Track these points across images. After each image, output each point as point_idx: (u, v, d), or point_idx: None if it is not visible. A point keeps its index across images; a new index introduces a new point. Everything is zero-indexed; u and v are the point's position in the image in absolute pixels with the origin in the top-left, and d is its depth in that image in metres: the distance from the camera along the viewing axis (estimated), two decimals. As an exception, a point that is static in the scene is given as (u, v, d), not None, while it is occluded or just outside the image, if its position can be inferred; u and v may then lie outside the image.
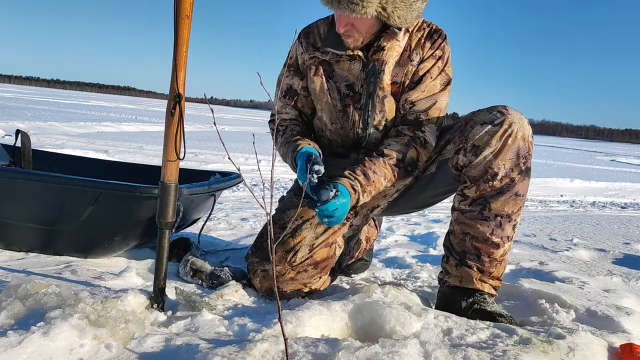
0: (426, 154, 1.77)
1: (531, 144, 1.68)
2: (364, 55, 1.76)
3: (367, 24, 1.69)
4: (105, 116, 17.15)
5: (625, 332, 1.60)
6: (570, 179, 8.85)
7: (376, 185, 1.69)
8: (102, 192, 1.84)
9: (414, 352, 1.23)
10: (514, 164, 1.64)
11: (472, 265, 1.70)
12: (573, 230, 3.81)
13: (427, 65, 1.76)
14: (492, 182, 1.65)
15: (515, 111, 1.66)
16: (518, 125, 1.64)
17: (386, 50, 1.75)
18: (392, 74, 1.77)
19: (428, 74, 1.75)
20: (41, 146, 5.85)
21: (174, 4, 1.41)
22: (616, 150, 34.32)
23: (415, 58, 1.76)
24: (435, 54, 1.76)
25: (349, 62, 1.78)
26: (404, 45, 1.77)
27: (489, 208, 1.66)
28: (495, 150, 1.64)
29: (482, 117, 1.68)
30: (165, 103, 1.48)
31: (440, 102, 1.76)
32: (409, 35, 1.77)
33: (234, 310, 1.60)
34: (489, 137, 1.64)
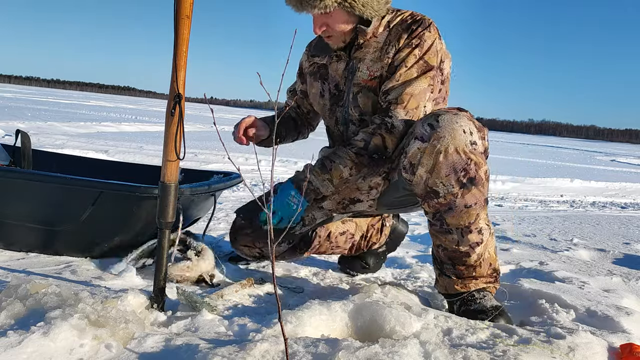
0: (393, 138, 1.71)
1: (470, 152, 1.55)
2: (346, 55, 1.81)
3: (339, 20, 1.70)
4: (105, 116, 17.15)
5: (625, 332, 1.60)
6: (570, 179, 8.85)
7: (336, 173, 1.71)
8: (102, 192, 1.84)
9: (414, 352, 1.23)
10: (452, 180, 1.56)
11: (450, 274, 1.69)
12: (573, 230, 3.81)
13: (401, 55, 1.73)
14: (437, 199, 1.60)
15: (450, 120, 1.55)
16: (448, 139, 1.53)
17: (363, 47, 1.78)
18: (372, 70, 1.77)
19: (403, 63, 1.72)
20: (41, 146, 5.85)
21: (174, 4, 1.41)
22: (616, 150, 34.32)
23: (391, 51, 1.75)
24: (412, 43, 1.72)
25: (336, 63, 1.85)
26: (383, 40, 1.77)
27: (446, 222, 1.62)
28: (429, 168, 1.57)
29: (417, 130, 1.60)
30: (165, 103, 1.48)
31: (413, 87, 1.70)
32: (389, 29, 1.77)
33: (234, 310, 1.60)
34: (421, 155, 1.57)
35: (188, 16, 1.41)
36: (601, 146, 46.45)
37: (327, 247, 2.07)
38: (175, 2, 1.41)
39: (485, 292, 1.69)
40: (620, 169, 14.81)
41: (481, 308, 1.63)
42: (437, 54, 1.73)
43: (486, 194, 1.62)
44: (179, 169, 1.53)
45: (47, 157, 2.69)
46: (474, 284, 1.68)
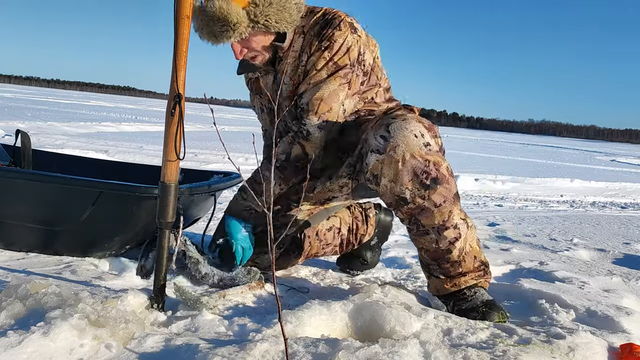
0: (312, 145, 1.77)
1: (426, 154, 1.58)
2: (273, 68, 1.83)
3: (256, 41, 1.71)
4: (105, 116, 17.15)
5: (625, 332, 1.60)
6: (570, 179, 8.85)
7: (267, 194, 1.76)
8: (102, 192, 1.84)
9: (414, 352, 1.23)
10: (416, 184, 1.59)
11: (438, 274, 1.71)
12: (573, 230, 3.81)
13: (313, 59, 1.73)
14: (407, 205, 1.63)
15: (400, 127, 1.58)
16: (403, 146, 1.57)
17: (284, 59, 1.79)
18: (294, 79, 1.79)
19: (313, 67, 1.73)
20: (41, 146, 5.85)
21: (174, 4, 1.41)
22: (616, 150, 34.32)
23: (304, 58, 1.76)
24: (321, 46, 1.72)
25: (265, 77, 1.87)
26: (299, 48, 1.77)
27: (421, 224, 1.65)
28: (391, 177, 1.60)
29: (371, 142, 1.63)
30: (165, 103, 1.48)
31: (323, 91, 1.72)
32: (303, 36, 1.77)
33: (234, 310, 1.60)
34: (381, 166, 1.60)
35: (188, 16, 1.41)
36: (601, 146, 46.47)
37: (319, 247, 2.08)
38: (175, 2, 1.41)
39: (477, 288, 1.70)
40: (620, 169, 14.81)
41: (472, 306, 1.65)
42: (349, 52, 1.72)
43: (454, 189, 1.64)
44: (179, 169, 1.53)
45: (47, 157, 2.69)
46: (464, 281, 1.69)
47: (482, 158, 13.41)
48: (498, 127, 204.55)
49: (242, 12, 1.60)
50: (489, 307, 1.65)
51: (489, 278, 1.74)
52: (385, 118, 1.67)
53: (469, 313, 1.64)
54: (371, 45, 1.81)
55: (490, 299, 1.68)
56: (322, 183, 1.88)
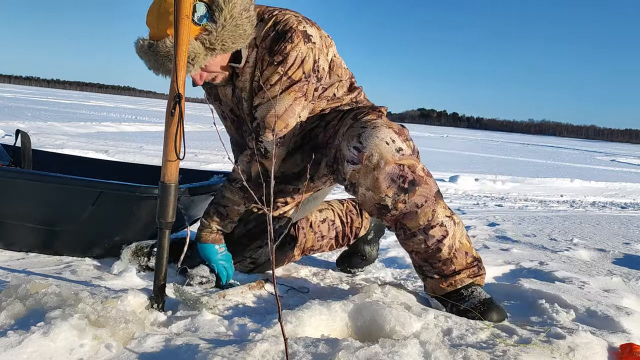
0: (270, 162, 1.76)
1: (400, 159, 1.60)
2: (231, 81, 1.81)
3: (216, 62, 1.69)
4: (105, 116, 17.15)
5: (625, 332, 1.60)
6: (570, 179, 8.85)
7: (233, 214, 1.82)
8: (102, 192, 1.84)
9: (414, 352, 1.23)
10: (395, 189, 1.60)
11: (432, 275, 1.71)
12: (573, 230, 3.81)
13: (266, 74, 1.71)
14: (389, 213, 1.65)
15: (371, 136, 1.60)
16: (377, 155, 1.59)
17: (240, 75, 1.77)
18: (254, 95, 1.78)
19: (267, 81, 1.71)
20: (41, 146, 5.85)
21: (174, 4, 1.41)
22: (616, 150, 34.32)
23: (257, 74, 1.75)
24: (274, 60, 1.69)
25: (223, 89, 1.85)
26: (253, 62, 1.75)
27: (407, 227, 1.66)
28: (369, 185, 1.62)
29: (345, 153, 1.64)
30: (165, 103, 1.48)
31: (278, 108, 1.71)
32: (256, 49, 1.74)
33: (234, 310, 1.60)
34: (358, 176, 1.63)
35: (188, 16, 1.41)
36: (601, 146, 46.47)
37: (314, 240, 2.08)
38: (175, 2, 1.41)
39: (473, 286, 1.70)
40: (620, 169, 14.81)
41: (470, 306, 1.66)
42: (303, 64, 1.70)
43: (434, 188, 1.66)
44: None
45: (47, 157, 2.69)
46: (460, 280, 1.69)
47: (482, 158, 13.41)
48: (498, 127, 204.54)
49: (196, 43, 1.55)
50: (487, 306, 1.65)
51: (484, 274, 1.75)
52: (355, 127, 1.67)
53: (467, 313, 1.64)
54: (326, 47, 1.78)
55: (488, 297, 1.68)
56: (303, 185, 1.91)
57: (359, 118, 1.72)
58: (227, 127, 2.00)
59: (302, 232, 2.05)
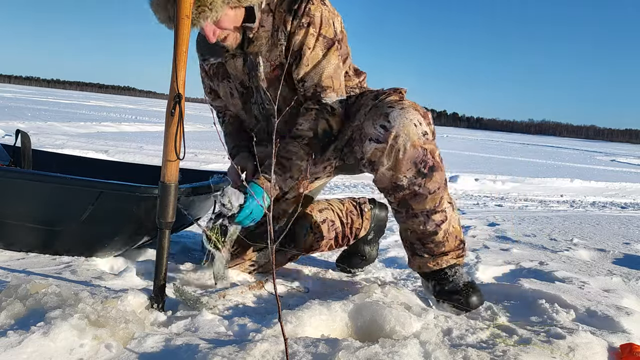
0: (336, 119, 1.77)
1: (424, 143, 1.62)
2: (241, 51, 1.79)
3: (227, 20, 1.67)
4: (105, 116, 17.15)
5: (625, 332, 1.60)
6: (570, 179, 8.85)
7: (294, 170, 1.74)
8: (102, 192, 1.84)
9: (414, 352, 1.23)
10: (414, 172, 1.63)
11: (422, 254, 1.76)
12: (573, 230, 3.81)
13: (298, 38, 1.70)
14: (401, 192, 1.67)
15: (399, 116, 1.60)
16: (404, 136, 1.60)
17: (255, 41, 1.76)
18: (271, 60, 1.77)
19: (305, 46, 1.70)
20: (41, 146, 5.85)
21: (174, 4, 1.41)
22: (616, 150, 34.32)
23: (281, 37, 1.74)
24: (302, 23, 1.70)
25: (232, 60, 1.83)
26: (270, 27, 1.75)
27: (412, 208, 1.69)
28: (390, 166, 1.63)
29: (369, 131, 1.64)
30: (165, 103, 1.48)
31: (328, 69, 1.73)
32: (272, 14, 1.74)
33: (234, 310, 1.60)
34: (379, 154, 1.63)
35: (188, 16, 1.41)
36: (601, 146, 46.46)
37: (313, 240, 2.08)
38: (175, 2, 1.41)
39: (456, 267, 1.77)
40: (620, 169, 14.81)
41: (455, 288, 1.72)
42: (330, 24, 1.73)
43: (445, 175, 1.70)
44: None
45: (47, 157, 2.69)
46: (446, 261, 1.75)
47: (482, 158, 13.41)
48: (498, 127, 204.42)
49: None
50: (471, 289, 1.72)
51: (465, 255, 1.81)
52: (380, 106, 1.67)
53: (452, 295, 1.71)
54: (337, 16, 1.80)
55: (470, 281, 1.76)
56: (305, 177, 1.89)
57: (382, 99, 1.72)
58: (233, 104, 1.96)
59: (302, 233, 2.05)
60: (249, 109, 1.90)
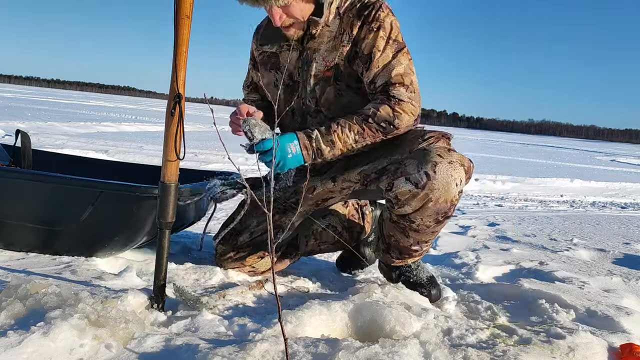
0: (401, 109, 1.69)
1: (455, 200, 1.66)
2: (299, 44, 1.80)
3: (298, 7, 1.68)
4: (105, 116, 17.15)
5: (625, 332, 1.60)
6: (570, 179, 8.85)
7: (340, 136, 1.67)
8: (102, 192, 1.84)
9: (414, 352, 1.23)
10: (432, 219, 1.68)
11: (393, 257, 1.83)
12: (573, 230, 3.81)
13: (368, 42, 1.71)
14: (410, 224, 1.71)
15: (445, 171, 1.60)
16: (441, 192, 1.61)
17: (316, 38, 1.77)
18: (327, 60, 1.77)
19: (375, 48, 1.71)
20: (41, 146, 5.85)
21: (174, 4, 1.41)
22: (616, 150, 34.32)
23: (345, 39, 1.74)
24: (372, 27, 1.71)
25: (288, 52, 1.83)
26: (336, 29, 1.76)
27: (408, 234, 1.74)
28: (415, 209, 1.66)
29: (410, 170, 1.64)
30: (165, 103, 1.48)
31: (398, 68, 1.71)
32: (340, 16, 1.76)
33: (234, 310, 1.60)
34: (411, 197, 1.64)
35: (188, 16, 1.41)
36: (601, 146, 46.46)
37: (314, 245, 2.08)
38: (175, 2, 1.41)
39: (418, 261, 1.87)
40: (620, 169, 14.81)
41: (419, 281, 1.83)
42: (399, 31, 1.74)
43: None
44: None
45: (47, 157, 2.69)
46: (412, 259, 1.84)
47: (482, 158, 13.41)
48: (498, 127, 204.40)
49: None
50: (432, 284, 1.83)
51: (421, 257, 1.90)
52: (430, 151, 1.64)
53: (416, 287, 1.81)
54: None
55: (431, 275, 1.86)
56: (323, 184, 1.87)
57: (431, 143, 1.70)
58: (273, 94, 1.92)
59: (304, 241, 2.05)
60: (289, 101, 1.87)
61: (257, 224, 1.95)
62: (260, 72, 1.96)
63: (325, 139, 1.67)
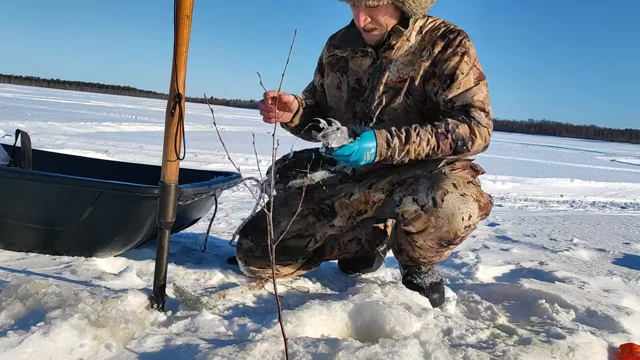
0: (479, 132, 1.68)
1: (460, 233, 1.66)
2: (374, 52, 1.82)
3: (385, 13, 1.71)
4: (105, 116, 17.15)
5: (625, 332, 1.60)
6: (570, 179, 8.85)
7: (416, 147, 1.64)
8: (102, 192, 1.84)
9: (414, 352, 1.23)
10: (435, 242, 1.71)
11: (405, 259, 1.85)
12: (573, 230, 3.81)
13: (451, 64, 1.73)
14: (414, 242, 1.74)
15: (454, 203, 1.61)
16: (444, 221, 1.63)
17: (395, 49, 1.78)
18: (401, 72, 1.79)
19: (458, 71, 1.73)
20: (41, 146, 5.85)
21: (174, 4, 1.41)
22: (616, 150, 34.32)
23: (425, 55, 1.77)
24: (458, 51, 1.74)
25: (361, 58, 1.85)
26: (416, 44, 1.78)
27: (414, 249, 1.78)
28: (418, 230, 1.69)
29: (420, 191, 1.65)
30: (165, 103, 1.48)
31: (479, 94, 1.72)
32: (422, 34, 1.79)
33: (234, 310, 1.60)
34: (415, 218, 1.67)
35: (188, 16, 1.42)
36: (601, 146, 46.46)
37: (337, 255, 2.09)
38: (175, 2, 1.41)
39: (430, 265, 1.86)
40: (620, 169, 14.81)
41: (422, 285, 1.83)
42: (479, 61, 1.78)
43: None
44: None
45: (47, 157, 2.70)
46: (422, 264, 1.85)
47: (482, 158, 13.40)
48: (498, 127, 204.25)
49: None
50: (435, 289, 1.84)
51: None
52: (448, 178, 1.66)
53: (419, 290, 1.81)
54: None
55: (437, 281, 1.86)
56: (360, 189, 1.85)
57: (455, 168, 1.73)
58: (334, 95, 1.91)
59: (330, 251, 2.05)
60: (352, 104, 1.87)
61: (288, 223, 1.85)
62: (326, 72, 1.97)
63: (402, 148, 1.63)
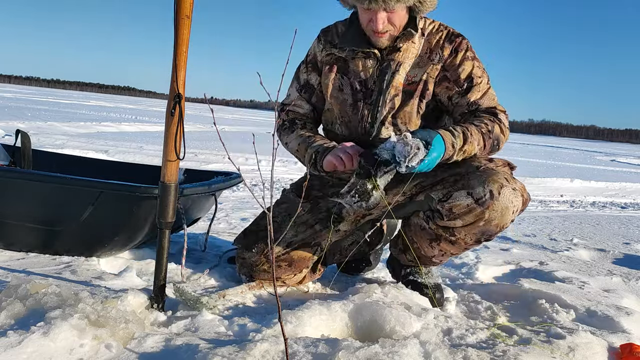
0: (504, 134, 1.78)
1: (504, 226, 1.69)
2: (378, 54, 1.81)
3: (401, 16, 1.73)
4: (105, 116, 17.14)
5: (625, 332, 1.60)
6: (570, 179, 8.85)
7: (470, 147, 1.67)
8: (102, 192, 1.84)
9: (414, 352, 1.23)
10: (475, 238, 1.71)
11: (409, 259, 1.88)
12: (573, 230, 3.81)
13: (467, 68, 1.78)
14: (449, 236, 1.73)
15: (509, 197, 1.63)
16: (498, 215, 1.64)
17: (402, 51, 1.79)
18: (410, 74, 1.80)
19: (474, 75, 1.79)
20: (41, 146, 5.85)
21: (174, 4, 1.41)
22: (616, 150, 34.32)
23: (435, 58, 1.79)
24: (468, 55, 1.80)
25: (364, 59, 1.83)
26: (420, 47, 1.80)
27: (438, 243, 1.77)
28: (466, 224, 1.68)
29: (474, 185, 1.64)
30: (165, 103, 1.48)
31: (494, 98, 1.82)
32: (425, 37, 1.81)
33: (234, 310, 1.60)
34: (467, 212, 1.65)
35: (188, 16, 1.41)
36: (601, 146, 46.45)
37: (337, 259, 2.08)
38: (175, 2, 1.41)
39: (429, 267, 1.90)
40: (620, 169, 14.81)
41: (425, 284, 1.85)
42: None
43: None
44: (181, 169, 1.53)
45: (47, 157, 2.70)
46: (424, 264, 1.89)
47: (482, 158, 13.39)
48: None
49: None
50: (438, 289, 1.85)
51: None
52: (500, 173, 1.67)
53: (422, 289, 1.83)
54: None
55: (438, 283, 1.89)
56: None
57: (498, 164, 1.76)
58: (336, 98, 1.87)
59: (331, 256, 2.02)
60: (358, 107, 1.85)
61: (294, 234, 1.85)
62: (324, 71, 1.91)
63: (461, 148, 1.65)
